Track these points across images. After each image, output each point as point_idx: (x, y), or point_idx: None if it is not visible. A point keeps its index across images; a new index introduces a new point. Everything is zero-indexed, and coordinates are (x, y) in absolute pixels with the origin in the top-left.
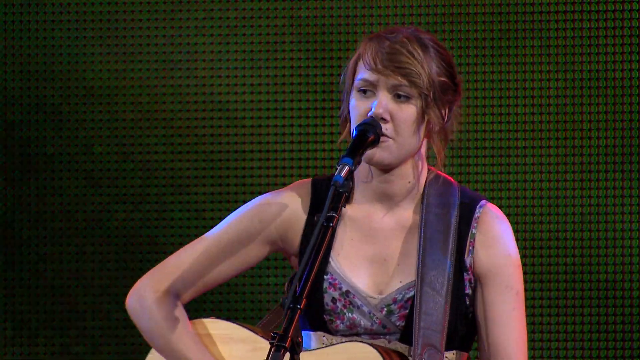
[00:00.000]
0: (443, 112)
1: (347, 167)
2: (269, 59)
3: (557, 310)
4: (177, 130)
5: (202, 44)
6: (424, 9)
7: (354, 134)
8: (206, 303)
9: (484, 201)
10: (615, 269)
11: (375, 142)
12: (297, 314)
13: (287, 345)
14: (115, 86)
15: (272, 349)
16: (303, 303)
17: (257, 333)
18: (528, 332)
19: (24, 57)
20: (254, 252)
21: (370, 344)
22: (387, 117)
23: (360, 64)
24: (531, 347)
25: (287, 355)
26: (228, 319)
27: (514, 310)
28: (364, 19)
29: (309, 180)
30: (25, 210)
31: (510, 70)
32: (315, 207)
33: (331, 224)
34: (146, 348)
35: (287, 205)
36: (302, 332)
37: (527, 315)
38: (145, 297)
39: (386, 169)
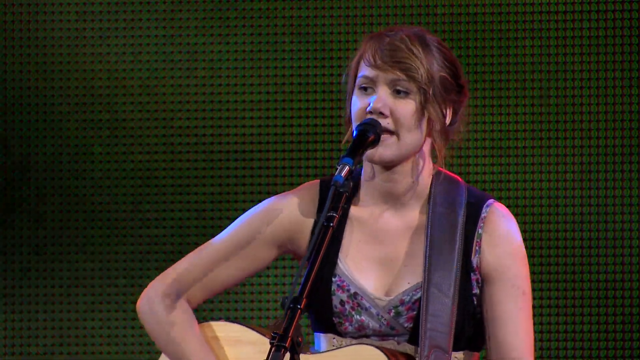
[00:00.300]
0: (444, 110)
1: (347, 167)
2: (269, 59)
3: (557, 310)
4: (177, 130)
5: (202, 44)
6: (424, 9)
7: (354, 134)
8: (206, 303)
9: (491, 200)
10: (615, 269)
11: (375, 142)
12: (298, 314)
13: (287, 345)
14: (115, 86)
15: (272, 349)
16: (303, 303)
17: (265, 335)
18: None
19: (24, 57)
20: (263, 255)
21: (378, 347)
22: (386, 112)
23: (362, 63)
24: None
25: (288, 355)
26: (237, 321)
27: (521, 310)
28: (364, 18)
29: (317, 181)
30: (25, 210)
31: (510, 70)
32: (322, 209)
33: (331, 224)
34: (147, 348)
35: (295, 208)
36: (315, 333)
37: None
38: (153, 300)
39: (388, 166)
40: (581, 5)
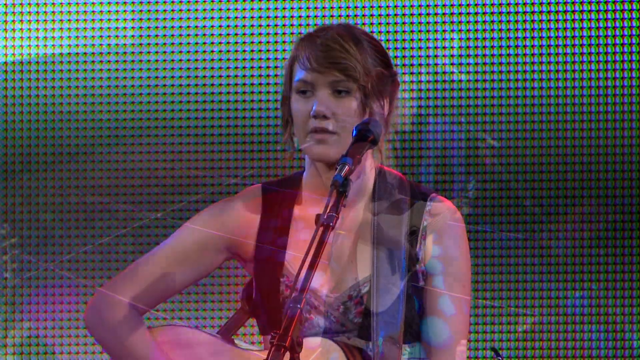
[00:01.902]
0: (383, 103)
1: (347, 166)
2: (269, 59)
3: (557, 309)
4: (177, 130)
5: (202, 43)
6: (424, 8)
7: (354, 133)
8: (199, 306)
9: (434, 194)
10: (616, 269)
11: (375, 142)
12: (298, 313)
13: (287, 344)
14: (115, 85)
15: (272, 349)
16: (303, 302)
17: (216, 337)
18: (528, 332)
19: (24, 57)
20: (209, 260)
21: (334, 342)
22: (329, 114)
23: (296, 66)
24: (531, 347)
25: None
26: (183, 324)
27: (460, 301)
28: (364, 18)
29: (259, 186)
30: (26, 210)
31: (510, 70)
32: (266, 211)
33: (331, 224)
34: None
35: (238, 212)
36: (264, 337)
37: (527, 316)
38: (100, 308)
39: (331, 164)
40: (581, 5)
